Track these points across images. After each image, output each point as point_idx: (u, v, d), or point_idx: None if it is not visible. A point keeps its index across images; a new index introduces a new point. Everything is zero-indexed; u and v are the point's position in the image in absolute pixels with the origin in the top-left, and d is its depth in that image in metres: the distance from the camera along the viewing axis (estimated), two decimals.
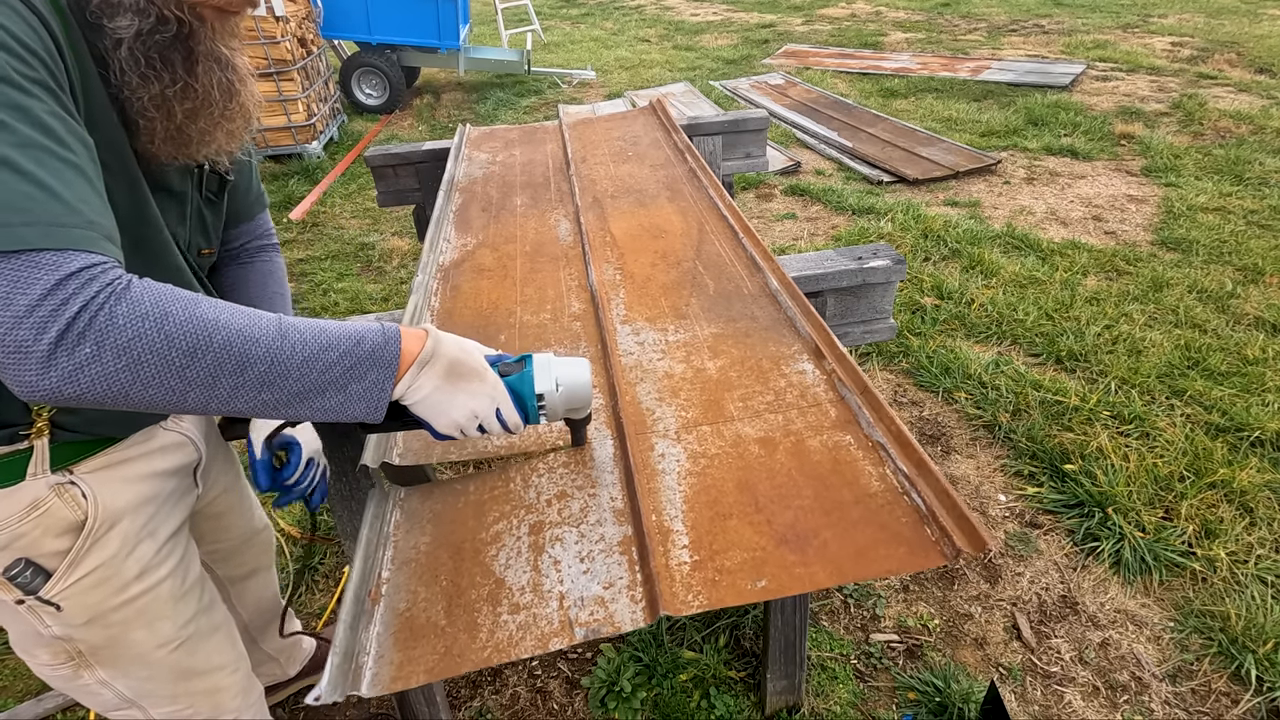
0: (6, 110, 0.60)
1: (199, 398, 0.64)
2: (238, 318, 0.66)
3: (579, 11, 11.54)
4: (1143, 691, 1.71)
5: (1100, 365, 2.74)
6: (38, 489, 0.86)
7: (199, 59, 0.81)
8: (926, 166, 4.63)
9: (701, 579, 0.82)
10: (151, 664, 1.03)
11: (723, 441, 1.02)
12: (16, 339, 0.57)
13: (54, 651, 0.96)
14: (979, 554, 0.79)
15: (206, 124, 0.85)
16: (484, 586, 0.86)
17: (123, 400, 0.62)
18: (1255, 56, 6.64)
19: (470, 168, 2.06)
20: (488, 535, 0.94)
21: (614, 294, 1.39)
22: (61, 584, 0.90)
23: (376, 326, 0.75)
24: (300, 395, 0.69)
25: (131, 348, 0.60)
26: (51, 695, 1.78)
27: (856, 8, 10.27)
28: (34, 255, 0.58)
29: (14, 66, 0.61)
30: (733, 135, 2.33)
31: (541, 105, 6.66)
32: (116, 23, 0.73)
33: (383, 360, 0.73)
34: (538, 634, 0.79)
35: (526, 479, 1.02)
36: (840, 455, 0.97)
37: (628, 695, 1.69)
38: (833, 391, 1.09)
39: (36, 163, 0.60)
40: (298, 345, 0.68)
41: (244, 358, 0.65)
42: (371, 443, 1.03)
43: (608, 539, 0.90)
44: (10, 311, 0.57)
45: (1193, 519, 2.07)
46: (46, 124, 0.62)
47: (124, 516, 0.94)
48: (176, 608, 1.04)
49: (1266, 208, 3.94)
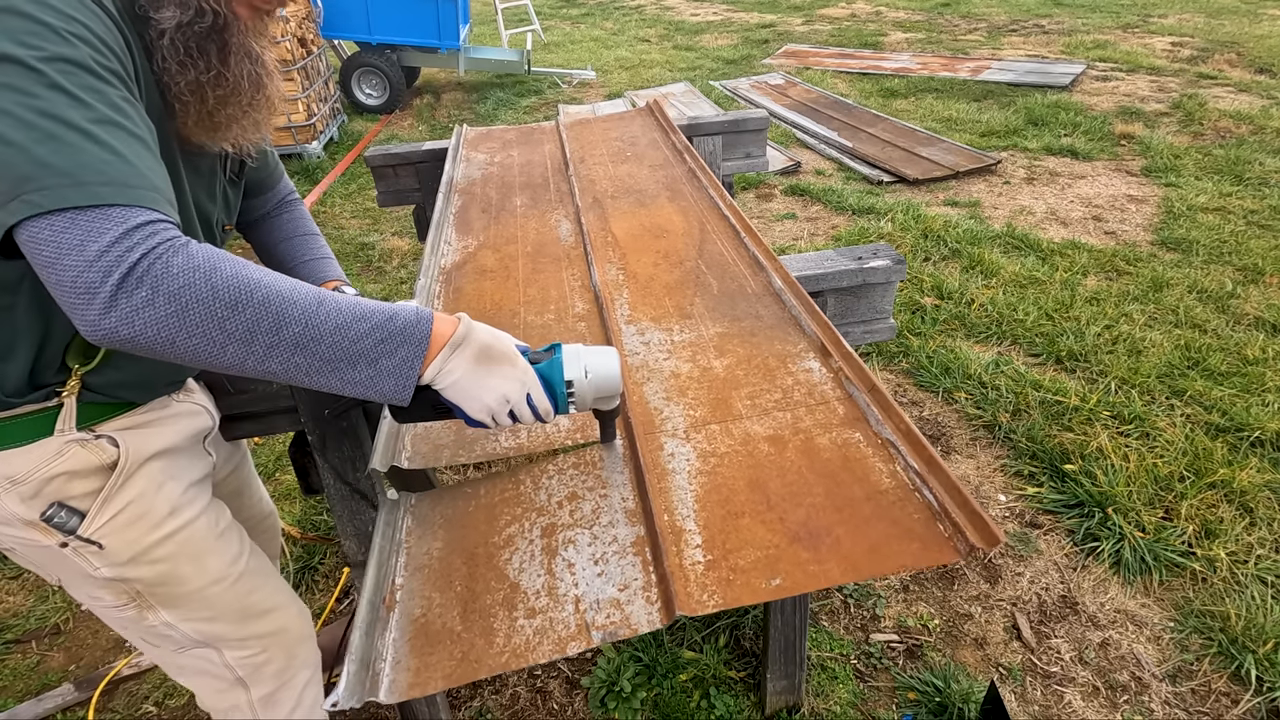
0: (87, 92, 0.69)
1: (237, 352, 0.69)
2: (281, 282, 0.71)
3: (579, 11, 11.54)
4: (1143, 691, 1.71)
5: (1100, 365, 2.74)
6: (59, 442, 0.92)
7: (231, 51, 0.88)
8: (926, 166, 4.63)
9: (716, 578, 0.81)
10: (211, 601, 1.09)
11: (732, 440, 1.01)
12: (86, 280, 0.64)
13: (115, 592, 1.02)
14: (991, 548, 0.79)
15: (235, 111, 0.92)
16: (499, 591, 0.86)
17: (169, 348, 0.67)
18: (1255, 56, 6.64)
19: (469, 169, 2.06)
20: (500, 539, 0.94)
21: (618, 294, 1.39)
22: (97, 522, 0.96)
23: (411, 306, 0.78)
24: (331, 363, 0.73)
25: (180, 295, 0.66)
26: (51, 695, 1.78)
27: (856, 8, 10.27)
28: (106, 210, 0.66)
29: (93, 57, 0.71)
30: (733, 135, 2.33)
31: (541, 105, 6.66)
32: (161, 14, 0.81)
33: (414, 338, 0.76)
34: (555, 638, 0.79)
35: (537, 481, 1.02)
36: (850, 452, 0.97)
37: (628, 695, 1.69)
38: (840, 389, 1.09)
39: (111, 135, 0.69)
40: (333, 313, 0.72)
41: (281, 316, 0.70)
42: (380, 446, 1.02)
43: (621, 540, 0.90)
44: (83, 256, 0.64)
45: (1193, 519, 2.07)
46: (119, 106, 0.72)
47: (149, 460, 1.01)
48: (218, 544, 1.10)
49: (1266, 208, 3.94)
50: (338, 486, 1.33)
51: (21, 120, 0.65)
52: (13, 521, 0.94)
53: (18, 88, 0.66)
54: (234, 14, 0.86)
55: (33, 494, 0.92)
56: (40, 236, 0.65)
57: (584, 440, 1.05)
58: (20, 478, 0.91)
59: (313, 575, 2.10)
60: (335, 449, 1.28)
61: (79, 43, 0.70)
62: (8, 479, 0.91)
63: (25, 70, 0.66)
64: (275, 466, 2.55)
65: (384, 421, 1.08)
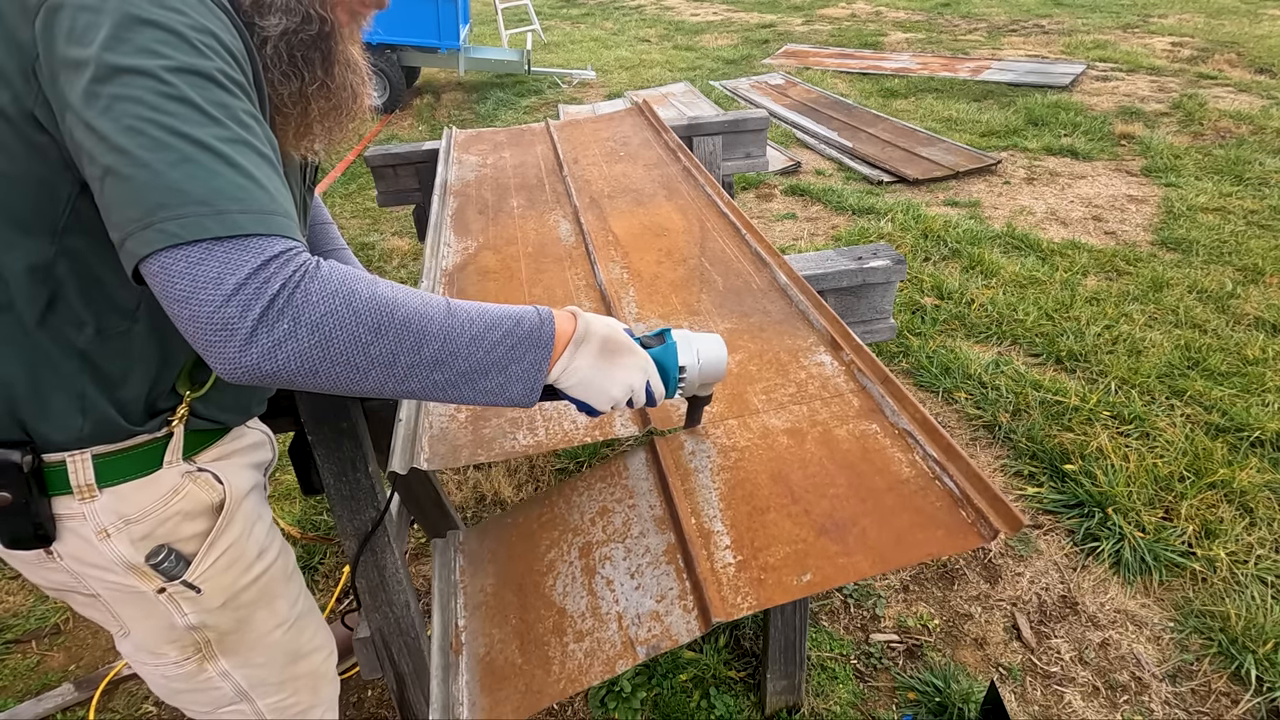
0: (217, 108, 0.65)
1: (379, 376, 0.66)
2: (412, 297, 0.68)
3: (579, 11, 11.53)
4: (1143, 691, 1.71)
5: (1100, 365, 2.74)
6: (173, 476, 0.89)
7: (335, 60, 0.84)
8: (926, 166, 4.63)
9: (747, 579, 0.82)
10: (269, 647, 1.07)
11: (750, 434, 1.02)
12: (224, 317, 0.60)
13: (183, 646, 0.98)
14: (1014, 531, 0.79)
15: (332, 122, 0.89)
16: (548, 618, 0.88)
17: (312, 378, 0.64)
18: (1255, 56, 6.64)
19: (462, 170, 2.06)
20: (543, 565, 0.96)
21: (624, 292, 1.39)
22: (202, 566, 0.92)
23: (531, 309, 0.76)
24: (466, 375, 0.70)
25: (323, 324, 0.62)
26: (51, 695, 1.78)
27: (856, 8, 10.27)
28: (244, 240, 0.61)
29: (220, 68, 0.67)
30: (733, 135, 2.33)
31: (542, 105, 6.65)
32: (267, 21, 0.77)
33: (540, 341, 0.74)
34: (604, 658, 0.81)
35: (569, 500, 1.03)
36: (868, 443, 0.97)
37: (628, 695, 1.69)
38: (853, 382, 1.09)
39: (243, 156, 0.65)
40: (465, 324, 0.70)
41: (421, 335, 0.67)
42: (398, 448, 1.02)
43: (653, 550, 0.91)
44: (220, 291, 0.60)
45: (1193, 519, 2.07)
46: (246, 122, 0.67)
47: (245, 499, 0.99)
48: (288, 586, 1.09)
49: (1266, 208, 3.94)
50: (338, 486, 1.33)
51: (153, 139, 0.60)
52: (113, 566, 0.87)
53: (147, 102, 0.61)
54: (337, 20, 0.82)
55: (144, 534, 0.87)
56: (174, 269, 0.60)
57: (602, 437, 1.05)
58: (136, 516, 0.86)
59: (313, 575, 2.10)
60: (335, 449, 1.28)
61: (210, 53, 0.66)
62: (122, 518, 0.85)
63: (155, 82, 0.62)
64: (276, 466, 2.55)
65: (400, 424, 1.07)
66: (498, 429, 1.07)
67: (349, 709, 1.74)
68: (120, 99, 0.61)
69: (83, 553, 0.86)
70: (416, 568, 2.11)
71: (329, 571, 2.11)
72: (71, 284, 0.75)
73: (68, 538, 0.86)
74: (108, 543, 0.86)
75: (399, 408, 1.09)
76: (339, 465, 1.29)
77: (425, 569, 2.11)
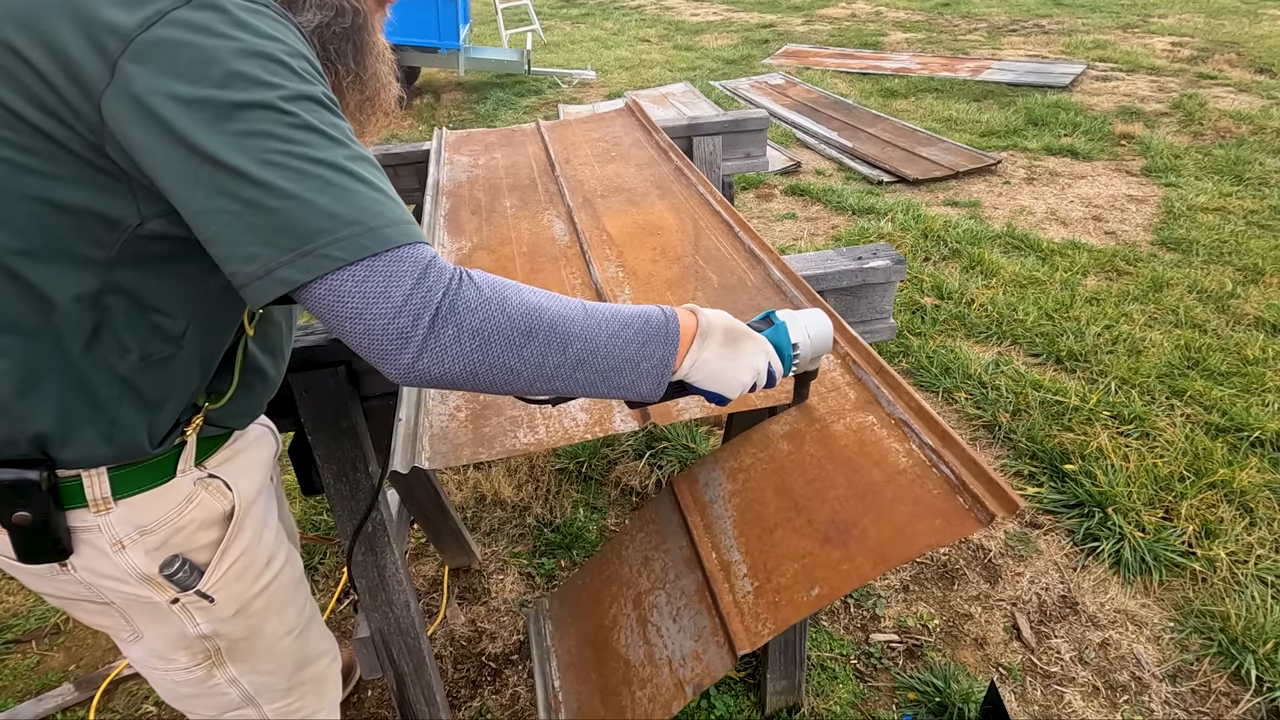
0: (334, 129, 0.66)
1: (529, 376, 0.69)
2: (553, 300, 0.71)
3: (579, 11, 11.54)
4: (1143, 691, 1.71)
5: (1100, 365, 2.74)
6: (186, 484, 0.89)
7: (366, 51, 0.84)
8: (926, 166, 4.63)
9: (765, 604, 0.85)
10: (278, 654, 1.06)
11: (751, 446, 1.04)
12: (399, 327, 0.62)
13: (193, 653, 0.97)
14: (1011, 513, 0.80)
15: (365, 115, 0.89)
16: (618, 670, 0.96)
17: (471, 380, 0.67)
18: (1255, 56, 6.64)
19: (453, 171, 2.05)
20: (608, 620, 1.03)
21: (620, 291, 1.39)
22: (215, 575, 0.92)
23: (655, 308, 0.78)
24: (603, 373, 0.73)
25: (482, 329, 0.65)
26: (51, 695, 1.78)
27: (856, 8, 10.27)
28: (397, 252, 0.63)
29: (323, 90, 0.68)
30: (733, 135, 2.33)
31: (542, 105, 6.66)
32: (303, 17, 0.77)
33: (667, 337, 0.76)
34: (662, 702, 0.88)
35: (619, 555, 1.11)
36: (865, 436, 0.98)
37: None
38: (849, 374, 1.09)
39: (368, 172, 0.66)
40: (601, 323, 0.72)
41: (566, 335, 0.70)
42: (399, 447, 1.01)
43: (686, 591, 0.96)
44: (390, 303, 0.62)
45: (1193, 519, 2.07)
46: (353, 137, 0.69)
47: (253, 504, 0.98)
48: (296, 593, 1.08)
49: (1266, 208, 3.94)
50: (338, 486, 1.33)
51: (292, 170, 0.62)
52: (128, 578, 0.86)
53: (276, 134, 0.62)
54: (367, 9, 0.82)
55: (158, 545, 0.87)
56: (342, 289, 0.62)
57: (602, 434, 1.05)
58: (150, 527, 0.86)
59: (313, 575, 2.10)
60: (335, 449, 1.28)
61: (309, 77, 0.67)
62: (137, 529, 0.85)
63: (278, 114, 0.63)
64: None
65: (400, 423, 1.07)
66: (498, 427, 1.07)
67: (349, 709, 1.74)
68: (249, 134, 0.62)
69: (97, 564, 0.86)
70: (416, 568, 2.11)
71: (329, 571, 2.11)
72: (119, 312, 0.74)
73: (83, 550, 0.85)
74: (123, 554, 0.85)
75: (399, 407, 1.08)
76: (339, 465, 1.29)
77: (425, 569, 2.11)
